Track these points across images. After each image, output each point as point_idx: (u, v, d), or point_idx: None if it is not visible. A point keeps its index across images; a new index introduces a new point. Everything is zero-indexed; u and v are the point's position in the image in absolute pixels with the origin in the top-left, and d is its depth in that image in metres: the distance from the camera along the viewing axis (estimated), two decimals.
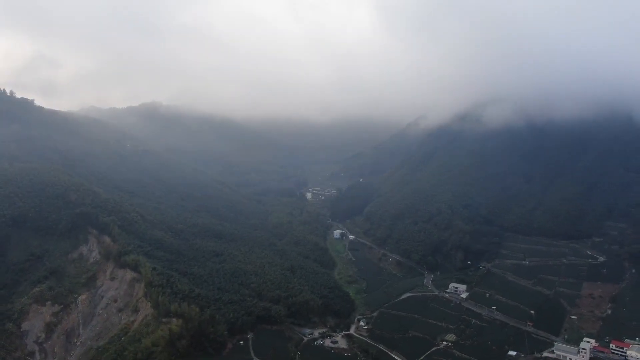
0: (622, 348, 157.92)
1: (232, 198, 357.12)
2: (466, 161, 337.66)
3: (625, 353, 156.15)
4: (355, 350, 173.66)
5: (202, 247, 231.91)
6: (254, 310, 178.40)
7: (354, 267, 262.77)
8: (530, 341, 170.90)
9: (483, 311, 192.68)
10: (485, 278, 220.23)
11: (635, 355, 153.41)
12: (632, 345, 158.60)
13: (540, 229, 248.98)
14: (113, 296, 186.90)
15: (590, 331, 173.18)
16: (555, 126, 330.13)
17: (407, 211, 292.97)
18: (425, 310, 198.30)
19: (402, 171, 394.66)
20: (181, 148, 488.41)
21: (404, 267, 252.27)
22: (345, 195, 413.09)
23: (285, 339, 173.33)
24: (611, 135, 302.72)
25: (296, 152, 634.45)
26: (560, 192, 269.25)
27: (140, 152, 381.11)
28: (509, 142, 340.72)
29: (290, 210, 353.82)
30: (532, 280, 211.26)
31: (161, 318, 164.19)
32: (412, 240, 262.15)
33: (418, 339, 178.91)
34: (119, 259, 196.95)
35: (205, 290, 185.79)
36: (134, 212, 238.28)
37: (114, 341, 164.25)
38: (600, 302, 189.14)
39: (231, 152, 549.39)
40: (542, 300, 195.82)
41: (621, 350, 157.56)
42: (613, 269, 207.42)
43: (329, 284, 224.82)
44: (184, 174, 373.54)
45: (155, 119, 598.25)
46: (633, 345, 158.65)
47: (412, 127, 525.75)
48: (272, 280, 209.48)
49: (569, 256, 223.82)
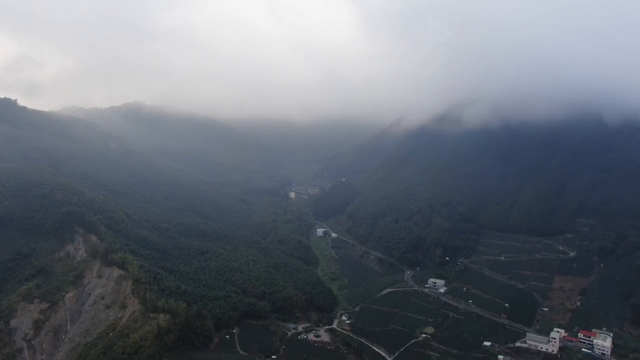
0: (589, 337, 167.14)
1: (216, 197, 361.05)
2: (445, 161, 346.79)
3: (592, 341, 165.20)
4: (338, 343, 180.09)
5: (188, 245, 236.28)
6: (239, 305, 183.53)
7: (336, 264, 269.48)
8: (504, 332, 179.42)
9: (460, 305, 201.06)
10: (463, 273, 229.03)
11: (601, 343, 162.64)
12: (599, 334, 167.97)
13: (515, 226, 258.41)
14: (100, 293, 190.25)
15: (560, 322, 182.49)
16: (529, 127, 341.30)
17: (388, 209, 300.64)
18: (405, 304, 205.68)
19: (383, 170, 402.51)
20: (165, 148, 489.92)
21: (385, 264, 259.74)
22: (328, 194, 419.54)
23: (270, 333, 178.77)
24: (582, 136, 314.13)
25: (279, 152, 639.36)
26: (534, 191, 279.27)
27: (124, 152, 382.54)
28: (486, 142, 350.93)
29: (274, 210, 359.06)
30: (507, 274, 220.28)
31: (149, 314, 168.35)
32: (393, 237, 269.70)
33: (398, 331, 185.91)
34: (106, 257, 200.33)
35: (192, 287, 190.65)
36: (120, 212, 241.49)
37: (102, 337, 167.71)
38: (571, 295, 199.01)
39: (215, 152, 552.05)
40: (516, 293, 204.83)
41: (588, 339, 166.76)
42: (583, 263, 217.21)
43: (312, 281, 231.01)
44: (169, 174, 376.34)
45: (138, 119, 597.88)
46: (599, 334, 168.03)
47: (393, 127, 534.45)
48: (257, 277, 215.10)
49: (541, 251, 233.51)
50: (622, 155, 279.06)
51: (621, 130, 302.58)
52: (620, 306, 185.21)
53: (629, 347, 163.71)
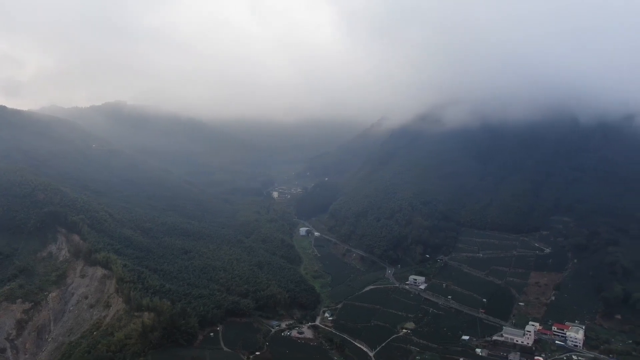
0: (563, 330, 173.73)
1: (199, 197, 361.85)
2: (425, 160, 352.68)
3: (565, 334, 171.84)
4: (321, 339, 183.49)
5: (171, 244, 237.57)
6: (223, 303, 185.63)
7: (319, 263, 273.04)
8: (482, 326, 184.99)
9: (440, 300, 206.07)
10: (443, 270, 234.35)
11: (574, 336, 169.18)
12: (571, 327, 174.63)
13: (493, 223, 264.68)
14: (84, 293, 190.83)
15: (535, 316, 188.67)
16: (508, 127, 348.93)
17: (370, 208, 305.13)
18: (386, 301, 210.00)
19: (366, 170, 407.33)
20: (148, 148, 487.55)
21: (367, 262, 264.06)
22: (311, 193, 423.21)
23: (254, 331, 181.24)
24: (558, 136, 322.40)
25: (262, 152, 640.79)
26: (512, 189, 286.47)
27: (106, 152, 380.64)
28: (466, 143, 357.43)
29: (258, 209, 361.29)
30: (485, 271, 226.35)
31: (133, 312, 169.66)
32: (374, 236, 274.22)
33: (380, 327, 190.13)
34: (89, 256, 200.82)
35: (176, 286, 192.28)
36: (103, 211, 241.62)
37: (86, 336, 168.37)
38: (546, 290, 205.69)
39: (198, 152, 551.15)
40: (494, 289, 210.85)
41: (561, 332, 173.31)
42: (558, 259, 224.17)
43: (296, 279, 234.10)
44: (152, 174, 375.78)
45: (120, 118, 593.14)
46: (572, 327, 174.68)
47: (375, 127, 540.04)
48: (241, 275, 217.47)
49: (518, 248, 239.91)
50: (595, 155, 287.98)
51: (595, 130, 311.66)
52: (592, 300, 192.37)
53: (600, 338, 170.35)
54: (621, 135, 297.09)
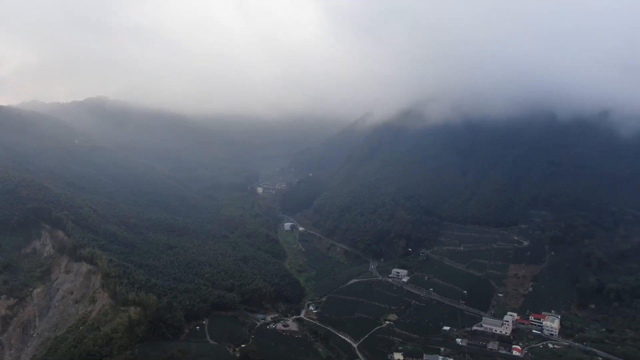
0: (539, 319, 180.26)
1: (183, 193, 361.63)
2: (408, 156, 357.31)
3: (541, 323, 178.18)
4: (306, 332, 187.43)
5: (156, 240, 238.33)
6: (209, 297, 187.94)
7: (303, 257, 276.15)
8: (463, 317, 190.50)
9: (422, 293, 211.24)
10: (425, 263, 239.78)
11: (550, 325, 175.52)
12: (548, 316, 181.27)
13: (473, 217, 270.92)
14: (69, 288, 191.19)
15: (514, 306, 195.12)
16: (488, 123, 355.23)
17: (353, 203, 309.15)
18: (370, 294, 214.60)
19: (349, 166, 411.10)
20: (131, 144, 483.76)
21: (351, 256, 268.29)
22: (295, 189, 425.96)
23: (240, 324, 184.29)
24: (536, 132, 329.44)
25: (246, 147, 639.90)
26: (492, 184, 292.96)
27: (89, 148, 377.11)
28: (447, 138, 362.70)
29: (242, 204, 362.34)
30: (466, 264, 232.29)
31: (119, 307, 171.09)
32: (358, 230, 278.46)
33: (363, 319, 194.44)
34: (74, 252, 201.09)
35: (161, 280, 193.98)
36: (87, 207, 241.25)
37: (72, 331, 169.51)
38: (524, 281, 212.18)
39: (181, 148, 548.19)
40: (474, 281, 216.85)
41: (538, 322, 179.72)
42: (536, 252, 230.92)
43: (280, 273, 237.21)
44: (135, 170, 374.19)
45: (102, 114, 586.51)
46: (548, 316, 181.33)
47: (358, 123, 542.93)
48: (226, 270, 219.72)
49: (498, 241, 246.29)
50: (572, 150, 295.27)
51: (572, 126, 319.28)
52: (568, 290, 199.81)
53: (575, 327, 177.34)
54: (596, 131, 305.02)
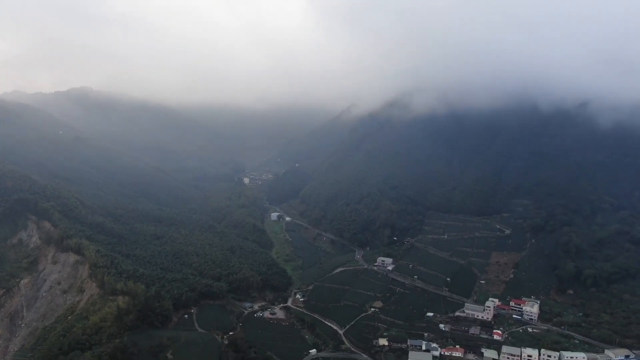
0: (520, 305, 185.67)
1: (170, 184, 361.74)
2: (394, 146, 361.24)
3: (521, 309, 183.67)
4: (293, 319, 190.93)
5: (143, 230, 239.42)
6: (196, 286, 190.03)
7: (290, 247, 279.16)
8: (446, 303, 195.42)
9: (406, 280, 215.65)
10: (409, 251, 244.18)
11: (529, 310, 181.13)
12: (527, 302, 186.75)
13: (457, 207, 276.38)
14: (56, 279, 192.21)
15: (495, 293, 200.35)
16: (472, 114, 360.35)
17: (339, 193, 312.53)
18: (355, 282, 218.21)
19: (336, 156, 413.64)
20: (116, 135, 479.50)
21: (337, 245, 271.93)
22: (282, 179, 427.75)
23: (227, 312, 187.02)
24: (519, 123, 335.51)
25: (233, 138, 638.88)
26: (475, 174, 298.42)
27: (74, 139, 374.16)
28: (432, 129, 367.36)
29: (229, 195, 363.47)
30: (449, 252, 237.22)
31: (107, 296, 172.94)
32: (344, 220, 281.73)
33: (349, 307, 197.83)
34: (61, 243, 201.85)
35: (149, 270, 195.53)
36: (73, 198, 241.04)
37: (61, 320, 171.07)
38: (505, 269, 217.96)
39: (167, 139, 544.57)
40: (457, 268, 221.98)
41: (518, 307, 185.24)
42: (517, 239, 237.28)
43: (267, 262, 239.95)
44: (121, 161, 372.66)
45: (86, 104, 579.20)
46: (528, 302, 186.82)
47: (344, 114, 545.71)
48: (213, 259, 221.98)
49: (481, 230, 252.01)
50: (553, 140, 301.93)
51: (553, 117, 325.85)
52: (547, 277, 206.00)
53: (553, 312, 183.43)
54: (576, 122, 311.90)
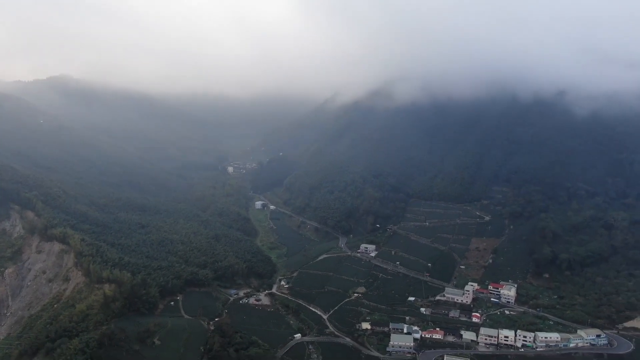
0: (497, 289, 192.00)
1: (153, 173, 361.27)
2: (377, 135, 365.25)
3: (499, 292, 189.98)
4: (277, 305, 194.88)
5: (127, 219, 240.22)
6: (182, 274, 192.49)
7: (275, 235, 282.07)
8: (427, 288, 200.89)
9: (389, 266, 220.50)
10: (392, 238, 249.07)
11: (507, 293, 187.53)
12: (505, 285, 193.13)
13: (439, 194, 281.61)
14: (41, 268, 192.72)
15: (474, 277, 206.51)
16: (454, 103, 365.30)
17: (323, 181, 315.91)
18: (339, 268, 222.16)
19: (319, 145, 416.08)
20: (98, 124, 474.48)
21: (321, 232, 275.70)
22: (266, 168, 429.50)
23: (213, 299, 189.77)
24: (498, 112, 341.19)
25: (216, 127, 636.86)
26: (456, 162, 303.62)
27: (55, 128, 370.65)
28: (415, 118, 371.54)
29: (213, 184, 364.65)
30: (430, 238, 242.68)
31: (93, 285, 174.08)
32: (328, 208, 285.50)
33: (333, 292, 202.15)
34: (45, 232, 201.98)
35: (135, 259, 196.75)
36: (56, 188, 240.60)
37: (47, 309, 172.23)
38: (484, 254, 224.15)
39: (150, 127, 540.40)
40: (438, 254, 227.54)
41: (496, 291, 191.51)
42: (496, 226, 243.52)
43: (252, 250, 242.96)
44: (104, 150, 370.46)
45: (66, 93, 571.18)
46: (505, 285, 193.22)
47: (328, 102, 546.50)
48: (198, 247, 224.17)
49: (461, 217, 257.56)
50: (531, 129, 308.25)
51: (531, 106, 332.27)
52: (525, 261, 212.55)
53: (530, 295, 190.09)
54: (554, 110, 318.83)
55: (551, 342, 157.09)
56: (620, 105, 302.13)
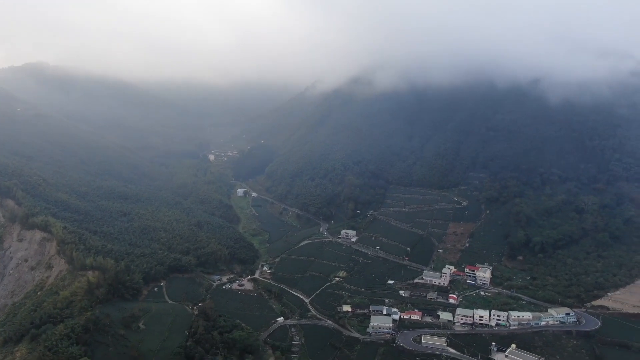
0: (473, 271, 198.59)
1: (134, 161, 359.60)
2: (357, 122, 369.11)
3: (475, 274, 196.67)
4: (260, 290, 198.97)
5: (109, 207, 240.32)
6: (165, 261, 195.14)
7: (257, 221, 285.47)
8: (406, 271, 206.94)
9: (369, 251, 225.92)
10: (372, 224, 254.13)
11: (482, 275, 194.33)
12: (481, 268, 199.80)
13: (418, 180, 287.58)
14: (23, 256, 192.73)
15: (452, 260, 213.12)
16: (433, 91, 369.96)
17: (305, 169, 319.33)
18: (320, 253, 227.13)
19: (300, 132, 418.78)
20: (77, 112, 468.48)
21: (303, 219, 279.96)
22: (247, 156, 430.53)
23: (197, 285, 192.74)
24: (476, 99, 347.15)
25: (197, 115, 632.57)
26: (435, 149, 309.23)
27: (33, 116, 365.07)
28: (394, 105, 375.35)
29: (194, 172, 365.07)
30: (409, 223, 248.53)
31: (77, 272, 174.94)
32: (309, 194, 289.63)
33: (315, 277, 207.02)
34: (26, 220, 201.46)
35: (117, 246, 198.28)
36: (36, 176, 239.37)
37: (30, 296, 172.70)
38: (461, 238, 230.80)
39: (130, 115, 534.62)
40: (417, 239, 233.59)
41: (472, 273, 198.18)
42: (473, 211, 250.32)
43: (235, 237, 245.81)
44: (83, 138, 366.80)
45: (42, 80, 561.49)
46: (481, 268, 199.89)
47: (309, 90, 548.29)
48: (181, 235, 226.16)
49: (440, 202, 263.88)
50: (508, 116, 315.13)
51: (508, 94, 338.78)
52: (500, 245, 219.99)
53: (504, 277, 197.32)
54: (529, 98, 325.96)
55: (523, 320, 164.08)
56: (592, 93, 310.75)
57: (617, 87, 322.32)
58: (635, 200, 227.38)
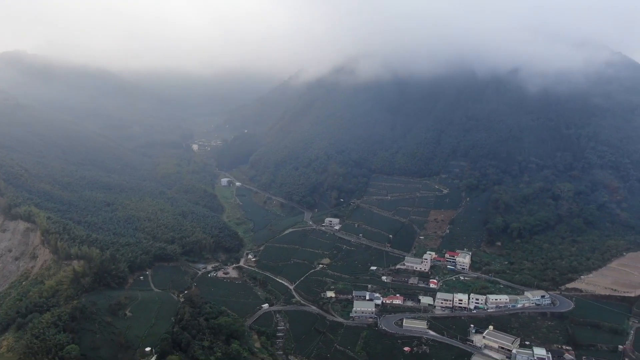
0: (453, 256, 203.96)
1: (117, 152, 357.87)
2: (340, 112, 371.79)
3: (455, 260, 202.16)
4: (245, 278, 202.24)
5: (93, 198, 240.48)
6: (150, 250, 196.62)
7: (241, 210, 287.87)
8: (388, 258, 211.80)
9: (352, 238, 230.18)
10: (355, 212, 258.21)
11: (461, 260, 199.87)
12: (460, 254, 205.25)
13: (400, 169, 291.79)
14: (7, 246, 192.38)
15: (433, 247, 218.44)
16: (415, 81, 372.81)
17: (288, 158, 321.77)
18: (304, 241, 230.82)
19: (284, 121, 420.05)
20: (56, 101, 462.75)
21: (287, 208, 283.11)
22: (231, 145, 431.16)
23: (182, 273, 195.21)
24: (457, 89, 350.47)
25: (180, 105, 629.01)
26: (417, 138, 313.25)
27: (12, 106, 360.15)
28: (377, 94, 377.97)
29: (178, 162, 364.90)
30: (392, 211, 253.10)
31: (62, 261, 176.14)
32: (293, 183, 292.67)
33: (299, 264, 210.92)
34: (9, 211, 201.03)
35: (102, 235, 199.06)
36: (17, 167, 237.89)
37: (15, 286, 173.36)
38: (442, 225, 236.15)
39: (112, 105, 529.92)
40: (399, 226, 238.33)
41: (452, 258, 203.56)
42: (453, 198, 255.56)
43: (219, 226, 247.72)
44: (64, 129, 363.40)
45: (21, 69, 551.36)
46: (461, 253, 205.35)
47: (293, 79, 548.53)
48: (166, 224, 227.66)
49: (421, 190, 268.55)
50: (488, 105, 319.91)
51: (488, 83, 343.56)
52: (479, 231, 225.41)
53: (483, 262, 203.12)
54: (508, 87, 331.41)
55: (500, 303, 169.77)
56: (569, 82, 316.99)
57: (593, 77, 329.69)
58: (609, 186, 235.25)
